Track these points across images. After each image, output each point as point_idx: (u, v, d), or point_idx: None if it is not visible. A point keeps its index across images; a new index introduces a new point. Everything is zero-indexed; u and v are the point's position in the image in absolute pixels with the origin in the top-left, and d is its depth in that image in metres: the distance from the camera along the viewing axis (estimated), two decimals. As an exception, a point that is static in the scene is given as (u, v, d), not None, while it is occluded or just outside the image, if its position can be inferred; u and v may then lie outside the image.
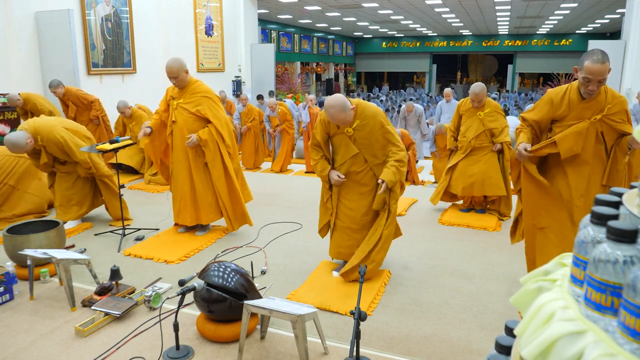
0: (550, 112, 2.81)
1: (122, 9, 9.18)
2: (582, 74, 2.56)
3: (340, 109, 2.98)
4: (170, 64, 3.91)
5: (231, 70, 12.87)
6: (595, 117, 2.72)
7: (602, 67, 2.48)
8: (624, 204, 0.82)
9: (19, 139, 3.97)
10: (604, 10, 15.94)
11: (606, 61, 2.49)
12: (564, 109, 2.76)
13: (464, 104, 4.91)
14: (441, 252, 3.96)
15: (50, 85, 6.77)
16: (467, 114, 4.86)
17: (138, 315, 2.87)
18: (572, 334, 0.71)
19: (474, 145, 4.77)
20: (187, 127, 4.02)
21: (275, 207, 5.25)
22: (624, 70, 10.60)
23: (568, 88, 2.77)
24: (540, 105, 2.85)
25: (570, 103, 2.74)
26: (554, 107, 2.78)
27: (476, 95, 4.70)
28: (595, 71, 2.49)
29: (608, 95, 2.72)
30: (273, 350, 2.52)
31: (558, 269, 0.94)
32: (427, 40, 27.48)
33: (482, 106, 4.78)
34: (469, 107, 4.83)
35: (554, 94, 2.80)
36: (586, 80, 2.55)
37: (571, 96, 2.74)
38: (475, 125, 4.77)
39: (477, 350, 2.55)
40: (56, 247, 3.40)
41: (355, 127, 3.13)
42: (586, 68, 2.51)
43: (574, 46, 24.02)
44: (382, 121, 3.13)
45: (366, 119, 3.11)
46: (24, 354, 2.50)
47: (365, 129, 3.12)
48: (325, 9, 16.53)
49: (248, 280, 2.66)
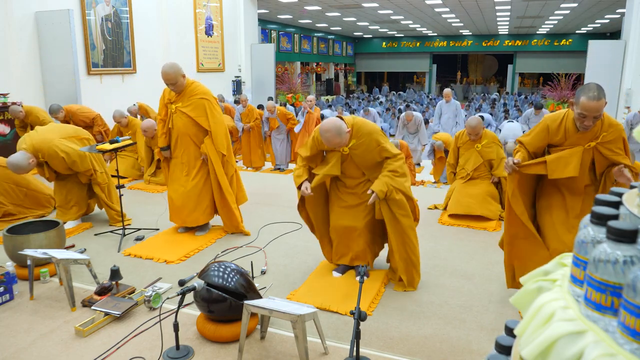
0: (547, 139, 2.84)
1: (122, 9, 9.18)
2: (577, 109, 2.57)
3: (335, 134, 2.95)
4: (167, 70, 3.85)
5: (231, 70, 12.87)
6: (589, 144, 2.73)
7: (597, 103, 2.49)
8: (624, 204, 0.82)
9: (21, 161, 3.97)
10: (604, 10, 15.95)
11: (602, 97, 2.50)
12: (560, 137, 2.79)
13: (461, 136, 4.94)
14: (441, 252, 3.96)
15: (51, 111, 6.73)
16: (464, 147, 4.91)
17: (138, 315, 2.87)
18: (572, 334, 0.71)
19: (473, 175, 4.85)
20: (187, 131, 4.02)
21: (275, 207, 5.25)
22: (624, 70, 10.60)
23: (565, 116, 2.79)
24: (537, 131, 2.87)
25: (566, 131, 2.77)
26: (550, 134, 2.81)
27: (472, 128, 4.73)
28: (591, 108, 2.50)
29: (604, 123, 2.72)
30: (273, 350, 2.52)
31: (558, 269, 0.94)
32: (427, 40, 27.48)
33: (479, 138, 4.82)
34: (466, 139, 4.87)
35: (551, 121, 2.82)
36: (582, 116, 2.57)
37: (567, 125, 2.76)
38: (473, 157, 4.82)
39: (477, 350, 2.55)
40: (56, 247, 3.40)
41: (352, 147, 3.12)
42: (582, 104, 2.52)
43: (574, 46, 24.03)
44: (378, 139, 3.10)
45: (362, 138, 3.09)
46: (24, 354, 2.50)
47: (361, 147, 3.11)
48: (325, 9, 16.53)
49: (248, 280, 2.66)
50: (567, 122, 2.75)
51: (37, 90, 7.82)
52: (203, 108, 4.00)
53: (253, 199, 5.52)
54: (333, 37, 26.27)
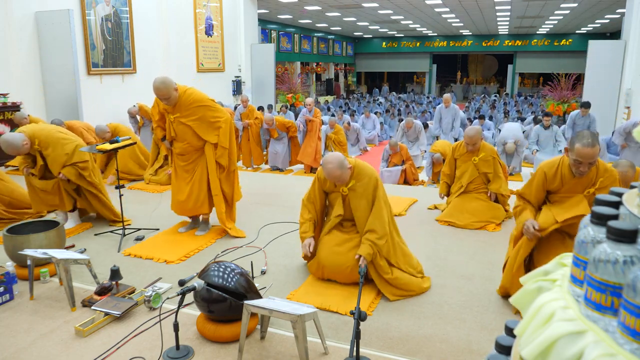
0: (545, 186, 2.95)
1: (122, 9, 9.18)
2: (573, 156, 2.67)
3: (337, 166, 3.02)
4: (159, 86, 3.76)
5: (231, 70, 12.88)
6: (588, 190, 2.84)
7: (592, 150, 2.59)
8: (624, 204, 0.82)
9: (15, 139, 3.97)
10: (604, 10, 15.95)
11: (596, 144, 2.60)
12: (557, 184, 2.89)
13: (458, 148, 4.78)
14: (441, 252, 3.96)
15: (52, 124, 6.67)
16: (461, 159, 4.76)
17: (138, 315, 2.87)
18: (572, 334, 0.71)
19: (468, 188, 4.72)
20: (188, 139, 4.01)
21: (275, 207, 5.25)
22: (624, 70, 10.60)
23: (560, 163, 2.89)
24: (536, 181, 2.96)
25: (562, 178, 2.87)
26: (547, 182, 2.91)
27: (470, 138, 4.57)
28: (586, 155, 2.60)
29: (600, 169, 2.82)
30: (273, 350, 2.52)
31: (558, 269, 0.94)
32: (427, 40, 27.48)
33: (477, 150, 4.66)
34: (463, 151, 4.71)
35: (547, 168, 2.92)
36: (577, 162, 2.66)
37: (563, 171, 2.86)
38: (469, 170, 4.68)
39: (477, 350, 2.55)
40: (56, 247, 3.40)
41: (351, 187, 3.16)
42: (577, 151, 2.62)
43: (574, 46, 24.03)
44: (375, 184, 3.15)
45: (362, 179, 3.14)
46: (24, 354, 2.50)
47: (359, 189, 3.14)
48: (325, 9, 16.53)
49: (248, 280, 2.66)
50: (562, 168, 2.87)
51: (37, 90, 7.82)
52: (202, 118, 3.95)
53: (253, 199, 5.52)
54: (333, 37, 26.27)
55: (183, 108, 3.93)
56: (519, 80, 28.14)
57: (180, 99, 3.91)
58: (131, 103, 9.41)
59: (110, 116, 8.77)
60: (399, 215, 4.89)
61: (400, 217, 4.87)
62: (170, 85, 3.80)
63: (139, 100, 8.50)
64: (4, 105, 7.08)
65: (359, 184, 3.14)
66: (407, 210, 5.10)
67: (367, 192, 3.13)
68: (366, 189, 3.13)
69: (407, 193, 5.86)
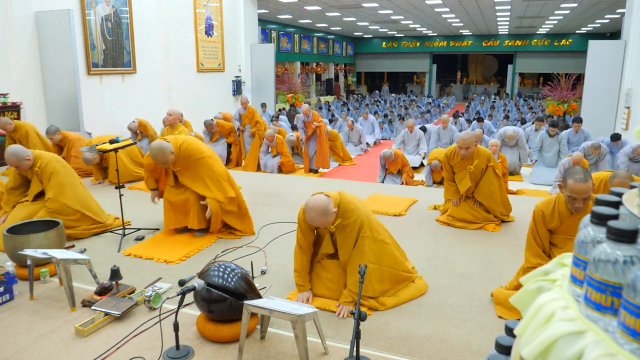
0: (545, 225, 2.93)
1: (122, 9, 9.18)
2: (566, 192, 2.67)
3: (320, 213, 2.78)
4: (155, 154, 3.78)
5: (231, 70, 12.88)
6: None
7: (585, 185, 2.59)
8: (624, 204, 0.82)
9: (20, 151, 3.94)
10: (604, 10, 15.95)
11: (588, 179, 2.59)
12: (555, 222, 2.89)
13: (452, 156, 4.56)
14: (441, 252, 3.96)
15: (48, 131, 6.45)
16: (457, 167, 4.57)
17: (138, 315, 2.87)
18: (572, 334, 0.71)
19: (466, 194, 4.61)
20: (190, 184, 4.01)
21: (275, 207, 5.25)
22: (624, 70, 10.60)
23: (556, 201, 2.88)
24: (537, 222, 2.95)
25: (560, 215, 2.87)
26: (546, 221, 2.91)
27: (464, 141, 4.33)
28: (579, 190, 2.61)
29: None
30: (273, 350, 2.52)
31: (558, 269, 0.94)
32: (427, 40, 27.49)
33: (471, 157, 4.45)
34: (458, 159, 4.51)
35: (544, 207, 2.91)
36: (572, 198, 2.66)
37: (560, 209, 2.86)
38: (466, 179, 4.52)
39: (477, 350, 2.55)
40: (56, 247, 3.39)
41: (338, 225, 2.94)
42: (570, 187, 2.62)
43: (574, 46, 24.03)
44: (361, 225, 2.93)
45: (349, 219, 2.92)
46: (24, 354, 2.50)
47: (347, 229, 2.93)
48: (325, 9, 16.53)
49: (248, 280, 2.66)
50: (559, 206, 2.86)
51: (37, 90, 7.82)
52: (199, 173, 3.95)
53: (253, 199, 5.52)
54: (333, 37, 26.27)
55: (181, 162, 3.95)
56: (519, 80, 28.15)
57: (177, 156, 3.91)
58: (131, 103, 9.42)
59: (109, 116, 8.78)
60: (399, 215, 4.89)
61: (400, 217, 4.87)
62: (166, 151, 3.80)
63: (139, 102, 8.51)
64: (4, 105, 7.07)
65: (346, 222, 2.93)
66: (407, 210, 5.10)
67: (353, 233, 2.93)
68: (352, 229, 2.92)
69: (407, 193, 5.86)
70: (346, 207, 2.94)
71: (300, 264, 3.12)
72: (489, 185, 4.51)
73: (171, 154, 3.84)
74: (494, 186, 4.53)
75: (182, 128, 6.40)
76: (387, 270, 3.03)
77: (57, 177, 4.06)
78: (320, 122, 8.06)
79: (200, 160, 3.97)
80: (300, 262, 3.12)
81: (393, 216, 4.87)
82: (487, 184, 4.51)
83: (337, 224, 2.94)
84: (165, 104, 10.17)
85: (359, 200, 3.10)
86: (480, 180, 4.55)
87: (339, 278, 3.05)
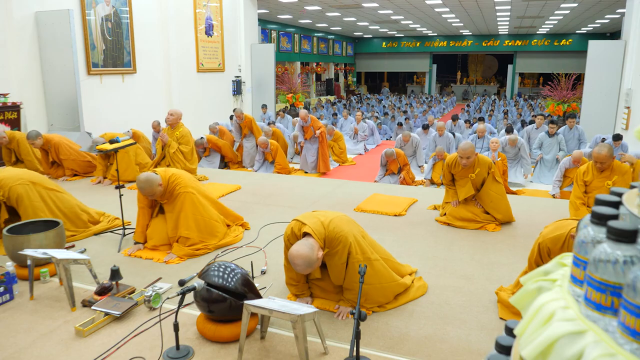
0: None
1: (122, 9, 9.18)
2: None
3: (305, 265, 2.62)
4: (142, 186, 3.63)
5: (231, 70, 12.87)
6: None
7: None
8: (624, 204, 0.82)
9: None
10: (604, 10, 15.95)
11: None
12: None
13: (454, 165, 4.59)
14: (441, 252, 3.96)
15: (28, 137, 6.16)
16: (458, 175, 4.62)
17: (138, 315, 2.87)
18: (572, 334, 0.71)
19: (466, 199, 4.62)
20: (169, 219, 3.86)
21: (275, 207, 5.25)
22: (624, 70, 10.60)
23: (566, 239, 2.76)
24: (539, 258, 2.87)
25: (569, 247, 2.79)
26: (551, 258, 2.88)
27: (464, 151, 4.38)
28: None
29: None
30: (273, 350, 2.52)
31: (558, 269, 0.94)
32: (427, 40, 27.49)
33: (472, 166, 4.50)
34: (459, 168, 4.55)
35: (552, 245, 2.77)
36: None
37: (569, 249, 2.81)
38: (467, 187, 4.56)
39: (477, 350, 2.55)
40: (56, 247, 3.39)
41: (325, 254, 2.83)
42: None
43: (574, 46, 24.04)
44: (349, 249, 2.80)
45: (336, 247, 2.81)
46: (24, 354, 2.50)
47: (334, 257, 2.81)
48: (325, 9, 16.53)
49: (248, 280, 2.65)
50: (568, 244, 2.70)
51: (37, 90, 7.82)
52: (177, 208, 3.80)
53: (253, 199, 5.52)
54: (333, 37, 26.27)
55: (167, 195, 3.82)
56: (519, 80, 28.15)
57: (166, 190, 3.79)
58: (131, 103, 9.42)
59: (109, 116, 8.78)
60: (399, 215, 4.89)
61: (400, 217, 4.87)
62: (154, 183, 3.65)
63: (139, 101, 8.51)
64: (4, 105, 7.07)
65: (333, 251, 2.83)
66: (407, 210, 5.10)
67: (342, 259, 2.83)
68: (341, 256, 2.82)
69: (407, 193, 5.86)
70: (333, 237, 2.79)
71: (295, 276, 3.00)
72: (489, 192, 4.56)
73: (159, 186, 3.70)
74: (495, 193, 4.56)
75: (183, 128, 6.41)
76: (385, 285, 2.98)
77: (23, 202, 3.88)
78: (320, 127, 8.02)
79: (182, 194, 3.81)
80: (295, 276, 3.00)
81: (393, 216, 4.87)
82: (488, 190, 4.56)
83: (325, 253, 2.81)
84: (165, 104, 10.17)
85: (347, 221, 2.94)
86: (481, 188, 4.59)
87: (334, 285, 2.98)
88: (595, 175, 4.47)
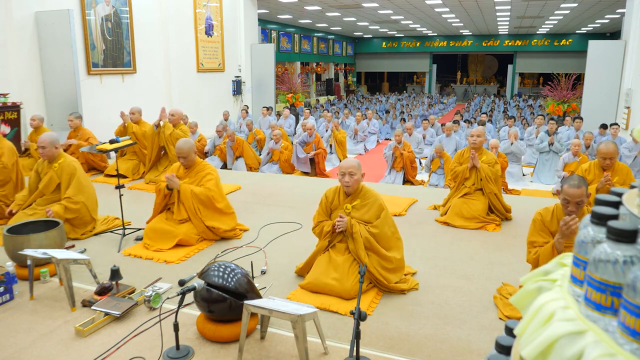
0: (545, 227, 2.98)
1: (122, 9, 9.18)
2: (561, 196, 2.79)
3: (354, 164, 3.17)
4: (181, 146, 4.06)
5: (231, 70, 12.87)
6: None
7: (578, 191, 2.71)
8: (624, 204, 0.82)
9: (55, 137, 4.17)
10: (604, 10, 15.95)
11: (582, 186, 2.71)
12: (555, 227, 2.94)
13: (464, 154, 4.96)
14: (441, 252, 3.96)
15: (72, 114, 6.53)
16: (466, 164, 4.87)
17: (138, 315, 2.87)
18: (572, 334, 0.71)
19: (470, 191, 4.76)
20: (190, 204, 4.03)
21: (275, 207, 5.25)
22: (624, 70, 10.60)
23: (554, 207, 2.98)
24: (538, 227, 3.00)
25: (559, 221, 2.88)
26: (546, 225, 2.98)
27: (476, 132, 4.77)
28: (572, 194, 2.72)
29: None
30: (273, 350, 2.52)
31: (558, 269, 0.94)
32: (427, 40, 27.48)
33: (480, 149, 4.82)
34: (467, 157, 4.86)
35: (545, 214, 3.00)
36: (565, 202, 2.77)
37: (558, 214, 2.93)
38: (473, 175, 4.78)
39: (477, 350, 2.55)
40: (56, 247, 3.39)
41: (355, 205, 3.23)
42: (564, 191, 2.75)
43: (574, 46, 24.03)
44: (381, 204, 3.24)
45: (368, 199, 3.22)
46: (24, 354, 2.50)
47: (364, 207, 3.22)
48: (325, 9, 16.53)
49: (248, 280, 2.66)
50: (557, 211, 2.94)
51: (37, 90, 7.81)
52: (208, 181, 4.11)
53: (253, 199, 5.52)
54: (333, 37, 26.26)
55: (193, 174, 4.17)
56: (519, 80, 28.14)
57: (195, 167, 4.19)
58: (131, 103, 9.39)
59: (109, 116, 8.77)
60: (399, 215, 4.89)
61: (400, 217, 4.87)
62: (192, 147, 4.11)
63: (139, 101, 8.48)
64: (4, 105, 7.06)
65: (365, 202, 3.22)
66: (407, 210, 5.10)
67: (372, 209, 3.20)
68: (372, 206, 3.20)
69: (407, 193, 5.86)
70: (367, 190, 3.25)
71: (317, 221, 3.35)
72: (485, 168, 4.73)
73: (194, 154, 4.16)
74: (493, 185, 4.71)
75: (184, 128, 6.41)
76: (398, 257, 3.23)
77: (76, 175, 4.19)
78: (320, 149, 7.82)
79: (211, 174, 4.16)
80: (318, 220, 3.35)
81: (393, 216, 4.87)
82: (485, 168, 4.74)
83: (356, 204, 3.19)
84: (165, 104, 10.15)
85: None
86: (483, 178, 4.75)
87: (344, 270, 3.10)
88: (597, 174, 4.49)
